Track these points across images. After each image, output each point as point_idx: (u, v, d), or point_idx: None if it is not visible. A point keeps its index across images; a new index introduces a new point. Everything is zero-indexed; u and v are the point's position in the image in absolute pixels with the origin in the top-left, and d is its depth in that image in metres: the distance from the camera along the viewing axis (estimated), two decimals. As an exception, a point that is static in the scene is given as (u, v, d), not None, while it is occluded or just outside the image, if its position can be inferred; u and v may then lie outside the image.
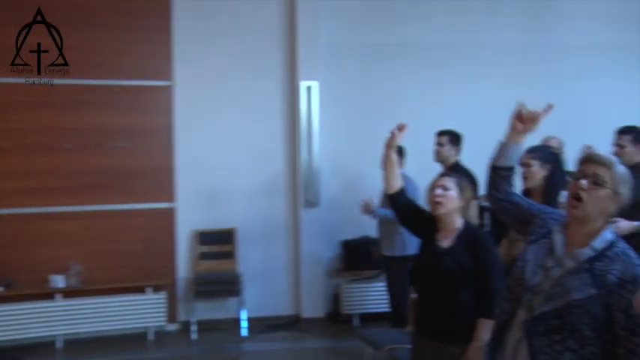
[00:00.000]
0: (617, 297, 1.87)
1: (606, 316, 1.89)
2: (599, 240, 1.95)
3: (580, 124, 6.29)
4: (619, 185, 1.96)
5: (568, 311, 1.90)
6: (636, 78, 7.09)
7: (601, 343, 1.90)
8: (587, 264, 1.92)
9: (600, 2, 7.13)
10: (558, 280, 1.95)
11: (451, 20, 6.85)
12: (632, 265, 1.89)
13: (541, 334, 1.93)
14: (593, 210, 1.95)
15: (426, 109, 6.56)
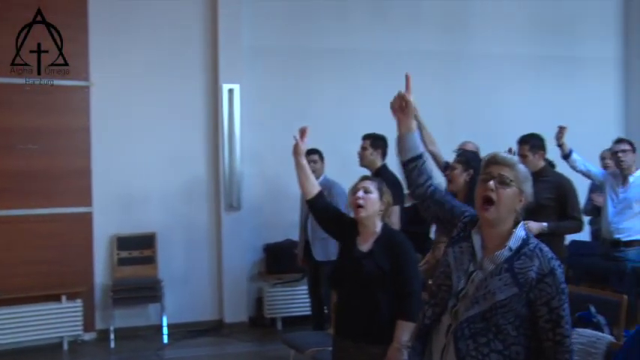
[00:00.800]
0: (538, 292, 1.95)
1: (529, 312, 1.98)
2: (514, 239, 2.03)
3: (496, 131, 6.55)
4: (523, 183, 2.06)
5: (493, 312, 1.97)
6: (550, 86, 7.47)
7: (524, 341, 1.99)
8: (506, 264, 2.00)
9: (517, 13, 7.47)
10: (481, 284, 2.01)
11: (371, 27, 6.98)
12: (547, 259, 1.99)
13: (467, 337, 1.99)
14: (504, 210, 2.04)
15: (347, 114, 6.67)
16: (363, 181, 3.08)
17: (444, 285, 2.12)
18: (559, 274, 1.96)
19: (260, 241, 6.60)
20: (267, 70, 6.68)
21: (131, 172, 6.26)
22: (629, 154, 5.02)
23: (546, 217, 4.26)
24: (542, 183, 4.38)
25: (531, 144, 4.56)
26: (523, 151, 4.56)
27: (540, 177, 4.43)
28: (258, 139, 6.56)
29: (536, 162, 4.50)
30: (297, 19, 6.78)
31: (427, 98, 6.20)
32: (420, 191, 2.30)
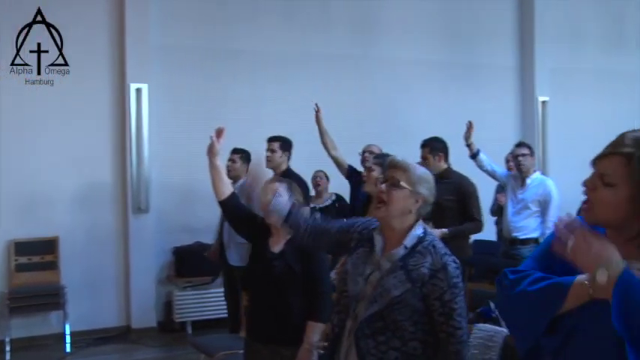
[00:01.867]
0: (431, 287, 2.05)
1: (424, 307, 2.07)
2: (409, 238, 2.14)
3: (405, 134, 6.75)
4: (416, 185, 2.16)
5: (390, 309, 2.05)
6: (455, 92, 7.77)
7: (422, 336, 2.08)
8: (400, 262, 2.10)
9: (424, 20, 7.72)
10: (378, 283, 2.10)
11: (281, 29, 7.00)
12: (440, 255, 2.09)
13: (367, 336, 2.07)
14: (395, 210, 2.13)
15: (256, 116, 6.66)
16: (273, 184, 3.07)
17: (345, 291, 2.19)
18: (451, 269, 2.06)
19: (169, 244, 6.46)
20: (178, 70, 6.55)
21: (32, 175, 5.95)
22: (528, 157, 5.30)
23: (448, 217, 4.42)
24: (444, 185, 4.54)
25: (431, 147, 4.74)
26: (424, 154, 4.73)
27: (442, 179, 4.60)
28: (167, 140, 6.42)
29: (437, 164, 4.67)
30: (207, 18, 6.70)
31: (336, 101, 6.35)
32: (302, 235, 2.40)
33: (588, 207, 1.42)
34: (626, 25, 9.16)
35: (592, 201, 1.41)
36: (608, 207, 1.38)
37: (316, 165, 6.00)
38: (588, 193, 1.42)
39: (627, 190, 1.35)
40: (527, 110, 8.23)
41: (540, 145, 8.03)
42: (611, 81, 8.73)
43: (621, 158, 1.37)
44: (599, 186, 1.39)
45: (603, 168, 1.40)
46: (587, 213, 1.42)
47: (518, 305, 1.50)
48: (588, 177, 1.45)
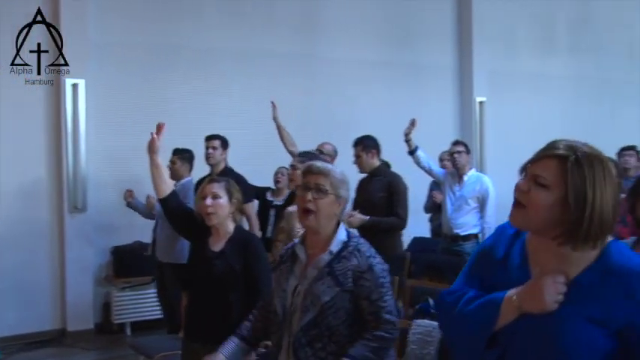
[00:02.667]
0: (359, 288, 2.10)
1: (355, 308, 2.11)
2: (334, 243, 2.17)
3: (349, 132, 6.78)
4: (339, 189, 2.19)
5: (323, 316, 2.08)
6: (396, 91, 7.88)
7: (356, 337, 2.12)
8: (327, 268, 2.12)
9: (368, 20, 7.80)
10: (307, 292, 2.12)
11: (226, 26, 6.94)
12: (365, 257, 2.13)
13: (305, 345, 2.09)
14: (324, 217, 2.16)
15: (200, 114, 6.58)
16: (211, 185, 3.01)
17: (273, 312, 2.23)
18: (377, 269, 2.11)
19: (108, 243, 6.30)
20: (117, 65, 6.39)
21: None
22: (464, 154, 5.44)
23: (378, 213, 4.50)
24: (376, 182, 4.63)
25: (364, 145, 4.81)
26: (357, 152, 4.80)
27: (375, 176, 4.69)
28: (106, 137, 6.25)
29: (370, 161, 4.75)
30: (149, 13, 6.56)
31: (280, 99, 6.33)
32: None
33: (519, 210, 1.44)
34: (558, 30, 9.53)
35: (525, 203, 1.42)
36: (541, 208, 1.40)
37: (256, 164, 6.00)
38: (520, 196, 1.44)
39: (560, 191, 1.38)
40: (465, 110, 8.44)
41: (478, 144, 8.24)
42: (544, 83, 9.06)
43: (556, 161, 1.40)
44: (533, 188, 1.42)
45: (538, 170, 1.42)
46: (519, 216, 1.44)
47: (458, 327, 1.53)
48: (520, 180, 1.47)
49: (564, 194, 1.37)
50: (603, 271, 1.38)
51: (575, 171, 1.37)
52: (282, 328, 2.17)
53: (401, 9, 8.03)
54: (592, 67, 9.76)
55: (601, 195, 1.37)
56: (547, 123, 8.15)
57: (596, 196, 1.36)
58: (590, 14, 9.92)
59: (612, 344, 1.35)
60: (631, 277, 1.34)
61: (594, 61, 9.81)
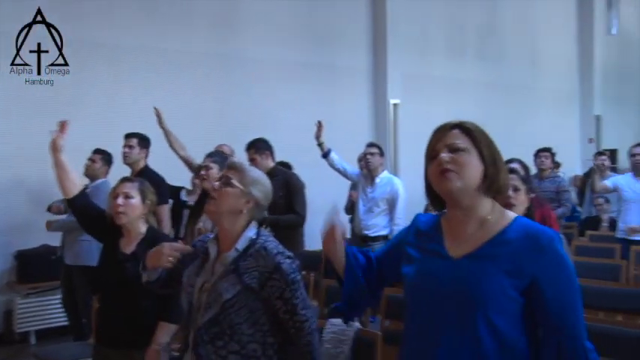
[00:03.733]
0: (270, 288, 2.08)
1: (263, 308, 2.09)
2: (241, 241, 2.16)
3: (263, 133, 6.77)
4: (249, 186, 2.20)
5: (225, 313, 2.05)
6: (312, 92, 7.93)
7: (260, 338, 2.09)
8: (232, 265, 2.12)
9: (285, 20, 7.81)
10: (212, 288, 2.10)
11: (139, 23, 6.76)
12: (271, 256, 2.11)
13: (206, 342, 2.07)
14: (224, 206, 2.16)
15: (111, 112, 6.37)
16: (123, 185, 2.94)
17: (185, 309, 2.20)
18: (286, 267, 2.09)
19: (10, 247, 5.98)
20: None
21: None
22: (377, 156, 5.53)
23: (279, 213, 4.53)
24: (274, 182, 4.64)
25: (256, 147, 4.82)
26: (251, 155, 4.81)
27: (271, 177, 4.69)
28: (8, 138, 5.93)
29: (264, 163, 4.77)
30: (59, 6, 6.27)
31: (196, 98, 6.26)
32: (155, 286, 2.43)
33: (452, 175, 1.58)
34: (468, 37, 9.93)
35: (455, 170, 1.58)
36: (470, 166, 1.59)
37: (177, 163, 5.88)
38: (448, 165, 1.58)
39: (476, 151, 1.61)
40: (380, 112, 8.62)
41: (392, 146, 8.43)
42: (456, 87, 9.41)
43: (457, 130, 1.64)
44: (455, 154, 1.59)
45: (449, 140, 1.62)
46: (454, 179, 1.58)
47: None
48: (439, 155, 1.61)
49: (480, 153, 1.60)
50: (516, 232, 1.58)
51: (477, 132, 1.64)
52: (188, 326, 2.15)
53: (317, 11, 8.11)
54: (499, 72, 10.24)
55: (498, 151, 1.65)
56: (457, 125, 8.45)
57: (498, 151, 1.65)
58: (496, 23, 10.41)
59: (521, 299, 1.53)
60: (539, 236, 1.55)
61: (500, 67, 10.30)
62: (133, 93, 6.59)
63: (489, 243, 1.59)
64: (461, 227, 1.64)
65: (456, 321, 1.55)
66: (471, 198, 1.61)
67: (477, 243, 1.60)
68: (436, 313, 1.58)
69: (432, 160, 1.64)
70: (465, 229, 1.63)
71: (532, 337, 1.56)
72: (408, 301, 1.69)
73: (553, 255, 1.54)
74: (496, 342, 1.52)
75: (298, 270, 2.16)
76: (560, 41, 11.77)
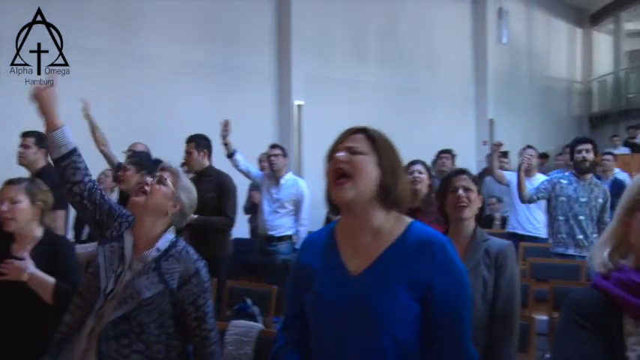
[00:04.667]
0: (185, 292, 2.08)
1: (175, 311, 2.08)
2: (162, 241, 2.14)
3: (162, 132, 6.63)
4: (180, 190, 2.20)
5: (138, 311, 2.02)
6: (216, 93, 7.84)
7: (166, 340, 2.08)
8: (154, 263, 2.09)
9: (187, 19, 7.66)
10: (129, 284, 2.06)
11: (34, 17, 6.40)
12: (192, 261, 2.13)
13: (110, 338, 2.01)
14: (153, 202, 2.15)
15: (13, 110, 6.03)
16: (7, 189, 2.76)
17: (94, 287, 2.11)
18: (203, 274, 2.12)
19: None
20: None
21: None
22: (280, 158, 5.56)
23: (209, 214, 4.47)
24: (206, 182, 4.60)
25: (197, 142, 4.75)
26: (189, 149, 4.73)
27: (204, 176, 4.65)
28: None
29: (200, 160, 4.70)
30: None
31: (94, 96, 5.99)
32: (76, 190, 2.24)
33: (346, 182, 1.56)
34: (369, 40, 10.17)
35: (350, 171, 1.56)
36: (366, 170, 1.56)
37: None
38: (344, 165, 1.57)
39: (375, 157, 1.58)
40: (284, 113, 8.65)
41: (296, 147, 8.49)
42: (358, 89, 9.61)
43: (360, 134, 1.62)
44: (352, 156, 1.58)
45: (349, 143, 1.60)
46: (347, 186, 1.55)
47: None
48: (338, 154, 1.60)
49: (379, 159, 1.58)
50: (409, 241, 1.56)
51: (380, 139, 1.62)
52: (90, 308, 2.06)
53: (221, 11, 8.03)
54: (399, 76, 10.56)
55: (400, 161, 1.64)
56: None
57: (399, 162, 1.63)
58: (397, 28, 10.73)
59: (418, 308, 1.52)
60: (432, 244, 1.54)
61: (401, 70, 10.63)
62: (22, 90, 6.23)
63: (385, 254, 1.57)
64: (355, 237, 1.61)
65: (357, 336, 1.53)
66: (365, 207, 1.58)
67: (374, 255, 1.57)
68: (339, 328, 1.55)
69: (331, 161, 1.63)
70: (359, 239, 1.60)
71: (425, 343, 1.55)
72: (311, 319, 1.64)
73: (445, 262, 1.53)
74: (399, 353, 1.51)
75: (209, 279, 2.17)
76: (456, 48, 12.30)
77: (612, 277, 1.26)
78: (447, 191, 2.54)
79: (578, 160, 4.66)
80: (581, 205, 4.59)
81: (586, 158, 4.62)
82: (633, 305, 1.20)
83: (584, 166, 4.64)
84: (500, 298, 2.33)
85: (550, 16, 15.75)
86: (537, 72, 15.01)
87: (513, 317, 2.33)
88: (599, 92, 17.38)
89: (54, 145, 2.24)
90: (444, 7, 11.96)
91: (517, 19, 13.85)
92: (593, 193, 4.60)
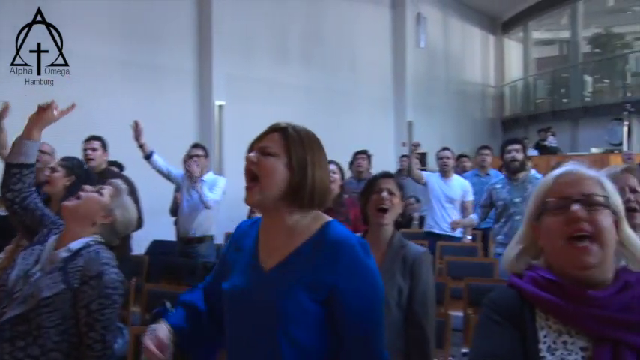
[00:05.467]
0: (81, 294, 1.97)
1: (74, 314, 1.97)
2: (77, 242, 2.06)
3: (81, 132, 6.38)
4: (115, 204, 2.19)
5: (37, 312, 1.92)
6: (136, 93, 7.62)
7: (67, 348, 1.96)
8: (62, 263, 2.01)
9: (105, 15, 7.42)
10: (34, 282, 1.97)
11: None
12: (99, 263, 2.01)
13: (5, 339, 1.91)
14: (82, 209, 2.10)
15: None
16: None
17: (3, 286, 2.02)
18: (108, 279, 1.99)
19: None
20: None
21: None
22: (202, 158, 5.47)
23: None
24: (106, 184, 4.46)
25: (103, 142, 4.65)
26: (93, 145, 4.61)
27: (103, 178, 4.50)
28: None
29: (101, 160, 4.59)
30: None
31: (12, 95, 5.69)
32: (9, 196, 2.24)
33: (254, 186, 1.56)
34: (292, 42, 10.20)
35: (257, 173, 1.56)
36: (272, 173, 1.55)
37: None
38: (252, 166, 1.57)
39: (285, 158, 1.56)
40: (205, 113, 8.55)
41: (217, 146, 8.40)
42: (280, 90, 9.61)
43: (278, 133, 1.59)
44: (262, 158, 1.56)
45: (263, 143, 1.59)
46: (255, 191, 1.56)
47: None
48: (249, 154, 1.60)
49: (289, 160, 1.55)
50: (318, 241, 1.54)
51: (295, 139, 1.58)
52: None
53: (142, 9, 7.82)
54: (320, 77, 10.65)
55: (318, 162, 1.59)
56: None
57: (315, 163, 1.58)
58: (319, 30, 10.82)
59: (321, 310, 1.50)
60: (338, 246, 1.51)
61: (322, 72, 10.72)
62: None
63: (293, 253, 1.55)
64: (271, 235, 1.61)
65: (259, 333, 1.52)
66: (275, 207, 1.57)
67: (284, 253, 1.56)
68: (247, 325, 1.55)
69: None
70: (274, 237, 1.59)
71: (334, 345, 1.52)
72: (225, 314, 1.64)
73: (351, 262, 1.50)
74: (296, 354, 1.48)
75: (118, 289, 2.03)
76: (376, 51, 12.55)
77: (525, 276, 1.32)
78: (371, 192, 2.55)
79: (508, 161, 4.85)
80: (516, 205, 4.74)
81: (515, 158, 4.81)
82: (544, 300, 1.26)
83: (514, 166, 4.82)
84: (415, 305, 2.37)
85: (465, 22, 16.36)
86: (453, 76, 15.55)
87: (428, 323, 2.37)
88: (511, 97, 18.22)
89: (19, 151, 2.27)
90: (365, 11, 12.17)
91: (434, 24, 14.30)
92: (526, 191, 4.72)
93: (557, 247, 1.27)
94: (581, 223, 1.24)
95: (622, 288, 1.24)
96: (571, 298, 1.23)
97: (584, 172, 1.32)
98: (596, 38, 18.36)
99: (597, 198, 1.27)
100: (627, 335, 1.19)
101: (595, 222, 1.24)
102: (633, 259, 1.30)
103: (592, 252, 1.23)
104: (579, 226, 1.24)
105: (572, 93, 15.92)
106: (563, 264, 1.27)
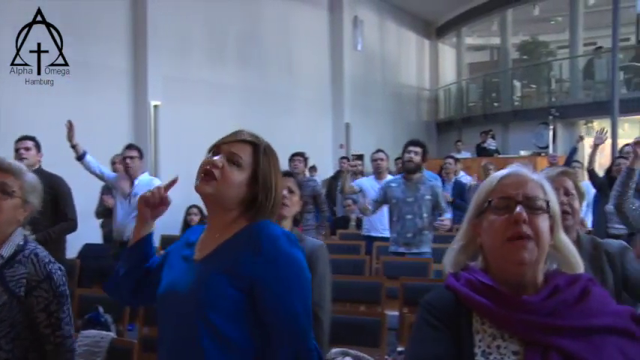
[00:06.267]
0: (35, 299, 1.92)
1: (27, 321, 1.92)
2: (6, 247, 1.97)
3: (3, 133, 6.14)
4: (29, 194, 2.02)
5: None
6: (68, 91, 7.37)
7: (20, 353, 1.92)
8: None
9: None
10: None
11: None
12: (43, 265, 1.97)
13: None
14: (2, 219, 1.96)
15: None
16: None
17: None
18: (57, 277, 1.97)
19: None
20: None
21: None
22: (136, 160, 5.35)
23: (45, 219, 4.17)
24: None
25: (36, 141, 4.49)
26: (25, 145, 4.44)
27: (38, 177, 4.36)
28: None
29: (34, 160, 4.44)
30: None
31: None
32: None
33: (210, 181, 1.57)
34: (228, 43, 10.13)
35: (217, 177, 1.57)
36: (232, 184, 1.58)
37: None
38: (215, 169, 1.58)
39: (249, 172, 1.60)
40: (140, 113, 8.38)
41: (152, 147, 8.26)
42: (216, 91, 9.54)
43: (250, 146, 1.64)
44: (228, 165, 1.59)
45: (234, 149, 1.61)
46: (210, 186, 1.57)
47: None
48: (213, 156, 1.61)
49: (252, 175, 1.60)
50: (245, 234, 1.58)
51: (265, 157, 1.64)
52: None
53: (74, 8, 7.58)
54: (258, 79, 10.62)
55: (278, 179, 1.66)
56: (219, 129, 8.48)
57: (278, 180, 1.66)
58: (257, 31, 10.79)
59: (241, 297, 1.51)
60: (262, 238, 1.54)
61: (260, 74, 10.70)
62: None
63: (222, 245, 1.59)
64: (210, 233, 1.64)
65: (181, 324, 1.54)
66: (222, 208, 1.61)
67: (214, 246, 1.60)
68: (172, 318, 1.57)
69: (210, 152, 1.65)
70: (213, 234, 1.63)
71: (256, 334, 1.54)
72: (157, 305, 1.65)
73: (274, 253, 1.52)
74: (215, 341, 1.50)
75: (66, 283, 2.01)
76: (314, 53, 12.62)
77: (461, 278, 1.33)
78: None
79: (405, 160, 5.03)
80: (408, 204, 4.91)
81: (412, 159, 4.98)
82: (479, 304, 1.27)
83: (409, 166, 5.01)
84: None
85: (401, 27, 16.68)
86: (390, 79, 15.82)
87: (324, 316, 2.42)
88: (445, 100, 18.69)
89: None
90: (302, 13, 12.22)
91: (371, 28, 14.51)
92: (419, 192, 4.92)
93: (496, 245, 1.29)
94: (521, 226, 1.26)
95: (552, 293, 1.27)
96: (504, 303, 1.25)
97: (528, 174, 1.34)
98: (523, 45, 19.10)
99: (539, 202, 1.30)
100: (556, 340, 1.21)
101: (535, 225, 1.27)
102: (566, 263, 1.33)
103: (529, 248, 1.25)
104: (520, 228, 1.26)
105: (502, 97, 16.46)
106: (500, 260, 1.29)
